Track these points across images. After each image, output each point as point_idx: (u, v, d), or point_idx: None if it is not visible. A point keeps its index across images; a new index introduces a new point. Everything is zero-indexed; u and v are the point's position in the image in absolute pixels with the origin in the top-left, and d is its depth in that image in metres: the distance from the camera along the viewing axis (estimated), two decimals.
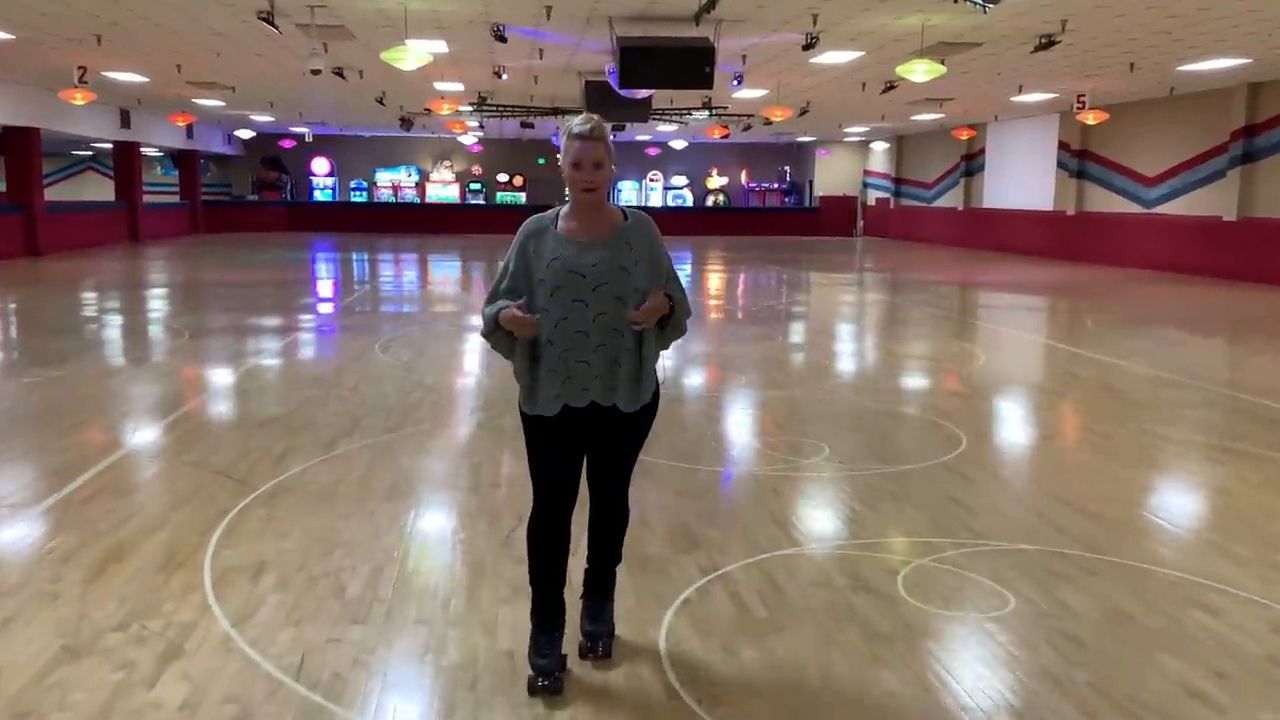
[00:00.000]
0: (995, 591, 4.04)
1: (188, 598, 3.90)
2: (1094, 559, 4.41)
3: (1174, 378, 8.91)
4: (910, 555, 4.46)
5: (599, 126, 3.18)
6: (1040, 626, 3.73)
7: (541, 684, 3.19)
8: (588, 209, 3.24)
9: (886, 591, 4.04)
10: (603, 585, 3.50)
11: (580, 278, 3.16)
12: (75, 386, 8.09)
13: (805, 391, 8.20)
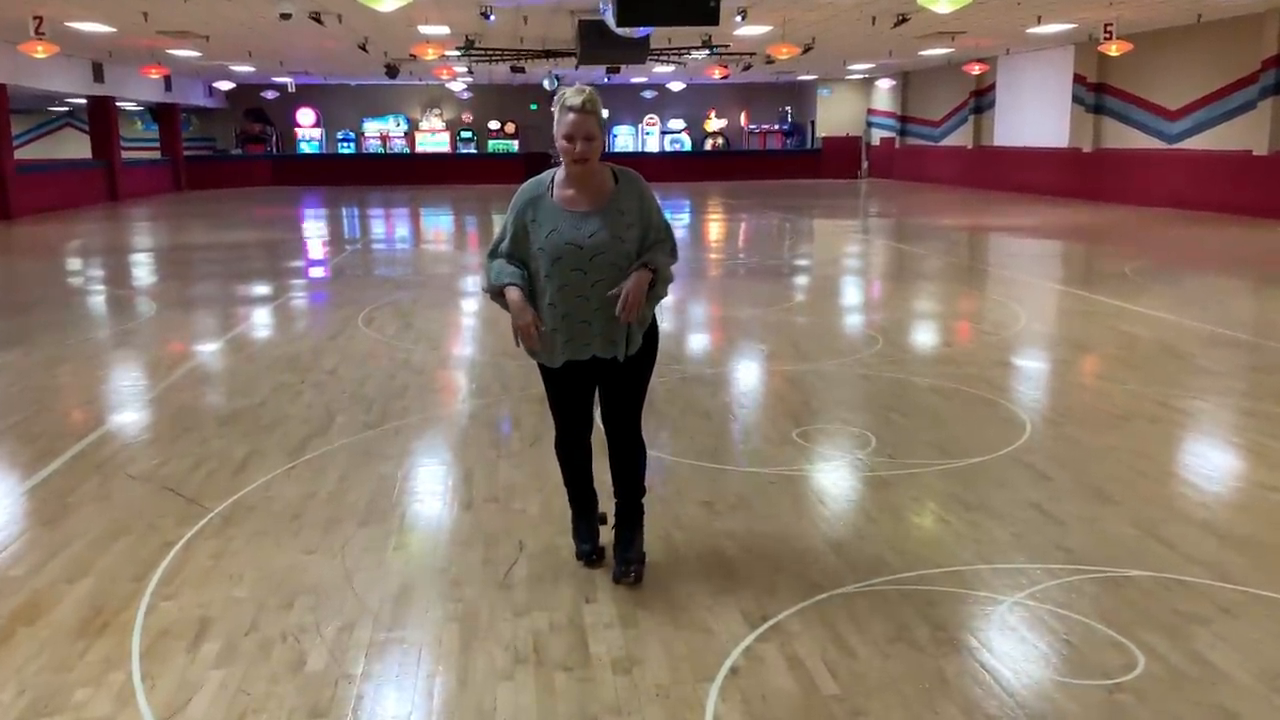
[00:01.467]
0: (1116, 644, 3.24)
1: (107, 678, 3.10)
2: (1229, 590, 3.61)
3: (1237, 335, 8.07)
4: (999, 591, 3.65)
5: (591, 99, 3.31)
6: (1181, 698, 2.94)
7: (591, 559, 3.77)
8: (581, 178, 3.42)
9: (979, 648, 3.23)
10: (631, 518, 3.73)
11: (578, 249, 3.37)
12: (22, 376, 7.24)
13: (834, 365, 7.36)
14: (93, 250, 16.32)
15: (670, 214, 20.87)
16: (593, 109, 3.31)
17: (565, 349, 3.48)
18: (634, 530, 3.71)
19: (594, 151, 3.33)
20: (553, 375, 3.60)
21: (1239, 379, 6.82)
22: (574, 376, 3.58)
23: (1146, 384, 6.63)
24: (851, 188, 31.59)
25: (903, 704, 2.92)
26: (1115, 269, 12.23)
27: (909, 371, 7.11)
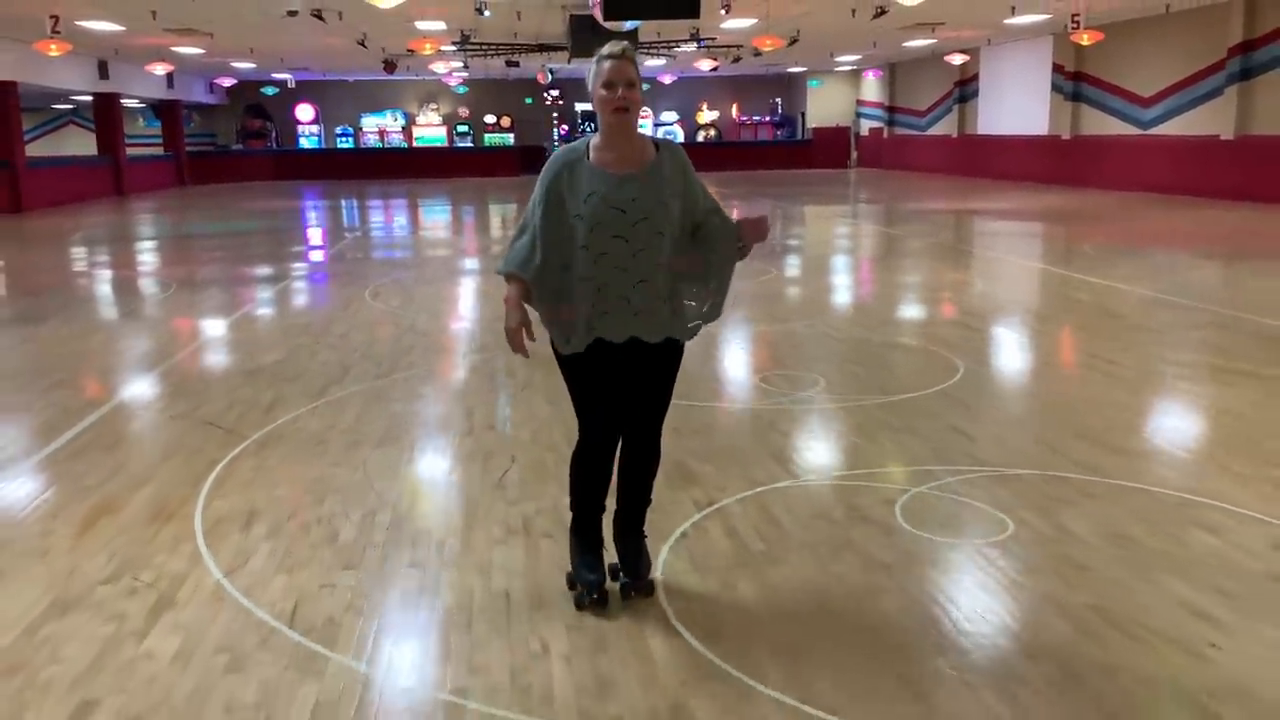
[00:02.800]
0: (995, 518, 3.99)
1: (179, 548, 3.85)
2: (1095, 482, 4.37)
3: (1175, 300, 8.83)
4: (909, 484, 4.41)
5: (629, 48, 3.11)
6: (1041, 551, 3.69)
7: (593, 598, 3.27)
8: (620, 135, 3.12)
9: (885, 521, 3.99)
10: (637, 525, 3.46)
11: (620, 213, 3.08)
12: (60, 343, 7.99)
13: (803, 325, 8.11)
14: (107, 240, 17.06)
15: None
16: (630, 56, 3.09)
17: (598, 324, 3.16)
18: (640, 539, 3.46)
19: (635, 99, 3.07)
20: (577, 364, 3.23)
21: (1163, 334, 7.58)
22: (603, 362, 3.21)
23: (1076, 338, 7.39)
24: (841, 177, 32.33)
25: (815, 558, 3.68)
26: (1077, 247, 12.98)
27: (868, 331, 7.86)
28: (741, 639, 3.09)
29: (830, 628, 3.18)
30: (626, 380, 3.25)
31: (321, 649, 3.07)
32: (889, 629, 3.16)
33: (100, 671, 2.97)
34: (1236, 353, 6.79)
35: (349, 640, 3.12)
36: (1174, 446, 4.98)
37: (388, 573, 3.61)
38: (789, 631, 3.15)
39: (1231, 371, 6.31)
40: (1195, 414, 5.65)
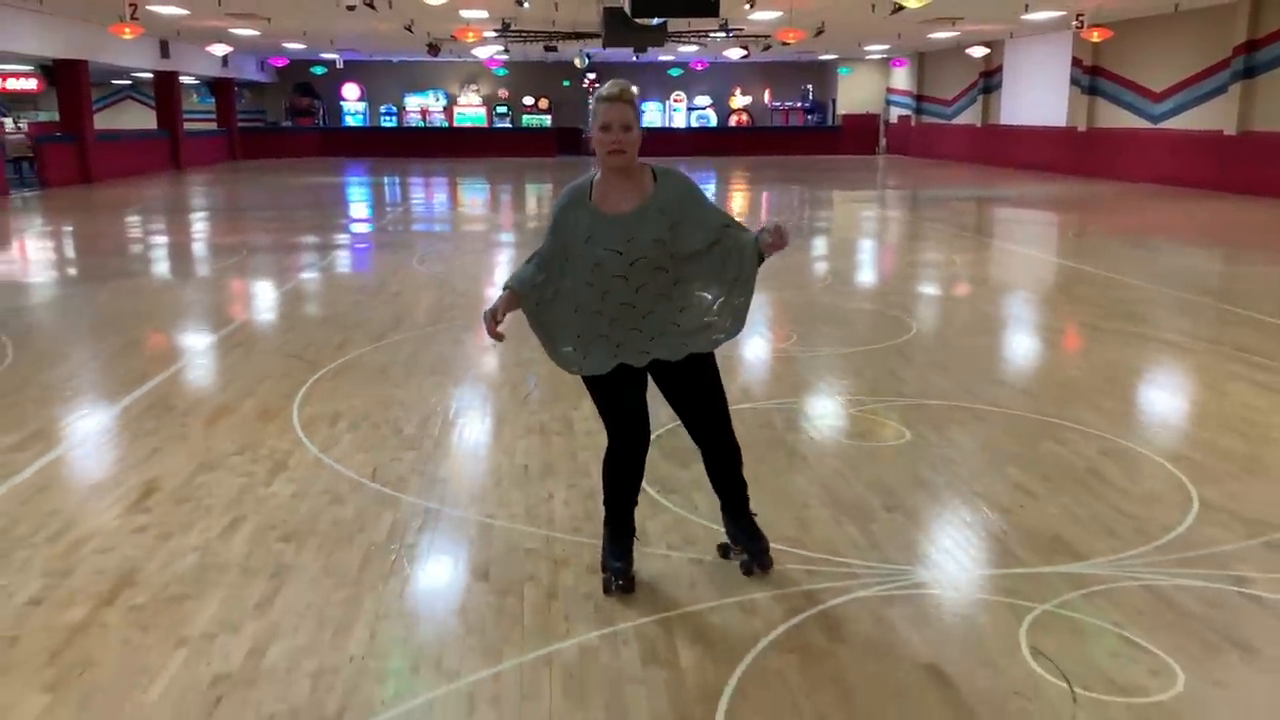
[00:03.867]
0: (900, 431, 5.22)
1: (283, 435, 5.17)
2: (989, 410, 5.58)
3: (1130, 280, 9.94)
4: (842, 408, 5.65)
5: (627, 90, 3.21)
6: (925, 453, 4.92)
7: (617, 584, 3.44)
8: (618, 175, 3.26)
9: (811, 431, 5.24)
10: (743, 509, 3.61)
11: (617, 255, 3.21)
12: (159, 294, 9.40)
13: (792, 293, 9.33)
14: (176, 209, 18.56)
15: (701, 186, 22.78)
16: (628, 99, 3.20)
17: (618, 354, 3.30)
18: (749, 518, 3.62)
19: (631, 142, 3.18)
20: (600, 381, 3.37)
21: (1103, 307, 8.71)
22: (628, 380, 3.36)
23: (1026, 308, 8.56)
24: (868, 163, 33.28)
25: (759, 457, 4.93)
26: (1063, 233, 14.03)
27: (844, 298, 9.07)
28: (695, 495, 4.35)
29: (754, 493, 4.43)
30: (670, 395, 3.45)
31: (395, 493, 4.38)
32: (795, 495, 4.40)
33: (242, 503, 4.29)
34: (1152, 320, 7.94)
35: (414, 489, 4.43)
36: (1057, 385, 6.16)
37: (439, 453, 4.92)
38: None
39: (1132, 334, 7.46)
40: (1087, 363, 6.81)
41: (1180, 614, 3.31)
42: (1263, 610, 3.35)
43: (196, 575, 3.61)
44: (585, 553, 3.75)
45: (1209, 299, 8.96)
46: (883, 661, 3.05)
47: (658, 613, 3.32)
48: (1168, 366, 6.77)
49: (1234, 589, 3.48)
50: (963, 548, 3.88)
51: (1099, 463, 4.75)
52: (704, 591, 3.48)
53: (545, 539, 3.92)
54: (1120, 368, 6.60)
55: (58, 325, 8.19)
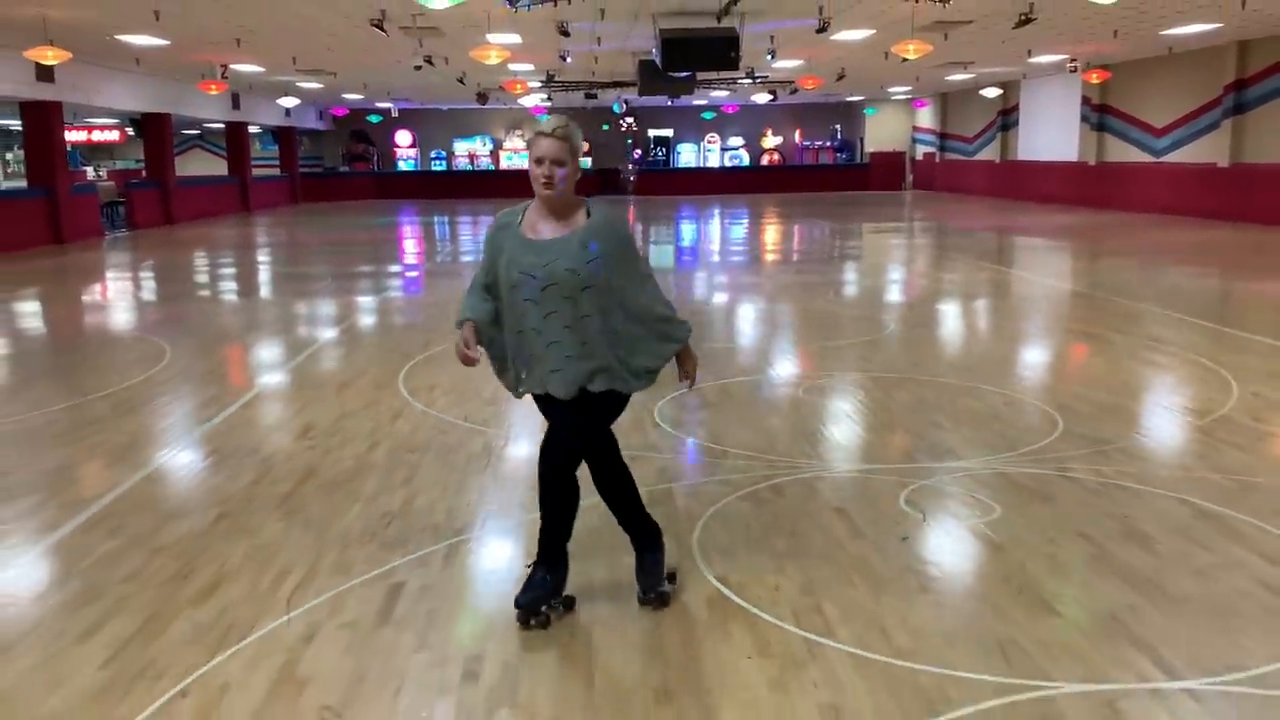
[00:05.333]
0: (858, 393, 6.89)
1: (394, 399, 6.95)
2: (932, 380, 7.23)
3: (1090, 292, 11.51)
4: (814, 379, 7.33)
5: (564, 128, 3.34)
6: (874, 407, 6.58)
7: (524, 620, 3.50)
8: (549, 206, 3.39)
9: (783, 388, 6.93)
10: (636, 545, 3.73)
11: (531, 279, 3.32)
12: (272, 308, 11.29)
13: (791, 305, 11.02)
14: (260, 245, 20.68)
15: (732, 221, 24.66)
16: (564, 136, 3.30)
17: (524, 382, 3.48)
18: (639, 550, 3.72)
19: (562, 180, 3.31)
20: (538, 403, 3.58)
21: (1054, 311, 10.30)
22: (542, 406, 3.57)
23: (990, 313, 10.18)
24: (895, 198, 34.90)
25: (739, 420, 6.62)
26: (1045, 253, 15.60)
27: (840, 308, 10.76)
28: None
29: (761, 422, 6.12)
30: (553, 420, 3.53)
31: (482, 428, 6.13)
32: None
33: (375, 434, 6.05)
34: (1099, 321, 9.53)
35: (497, 426, 6.17)
36: (990, 361, 7.78)
37: (515, 409, 6.67)
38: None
39: (1078, 331, 9.06)
40: (1026, 348, 8.42)
41: (1012, 483, 4.96)
42: (1069, 482, 4.98)
43: (354, 471, 5.37)
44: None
45: (1155, 306, 10.50)
46: (807, 505, 4.72)
47: (664, 483, 5.02)
48: (1089, 351, 8.37)
49: (1055, 473, 5.12)
50: (881, 452, 5.54)
51: (999, 409, 6.40)
52: (690, 473, 5.17)
53: None
54: (1053, 352, 8.22)
55: (195, 332, 10.09)
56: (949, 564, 4.10)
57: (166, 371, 7.94)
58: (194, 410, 6.79)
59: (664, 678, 3.17)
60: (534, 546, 3.75)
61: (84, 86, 21.26)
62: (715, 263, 16.05)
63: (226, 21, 15.75)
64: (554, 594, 3.56)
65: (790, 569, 3.99)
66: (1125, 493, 4.82)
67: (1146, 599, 3.68)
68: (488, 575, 4.09)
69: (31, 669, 3.29)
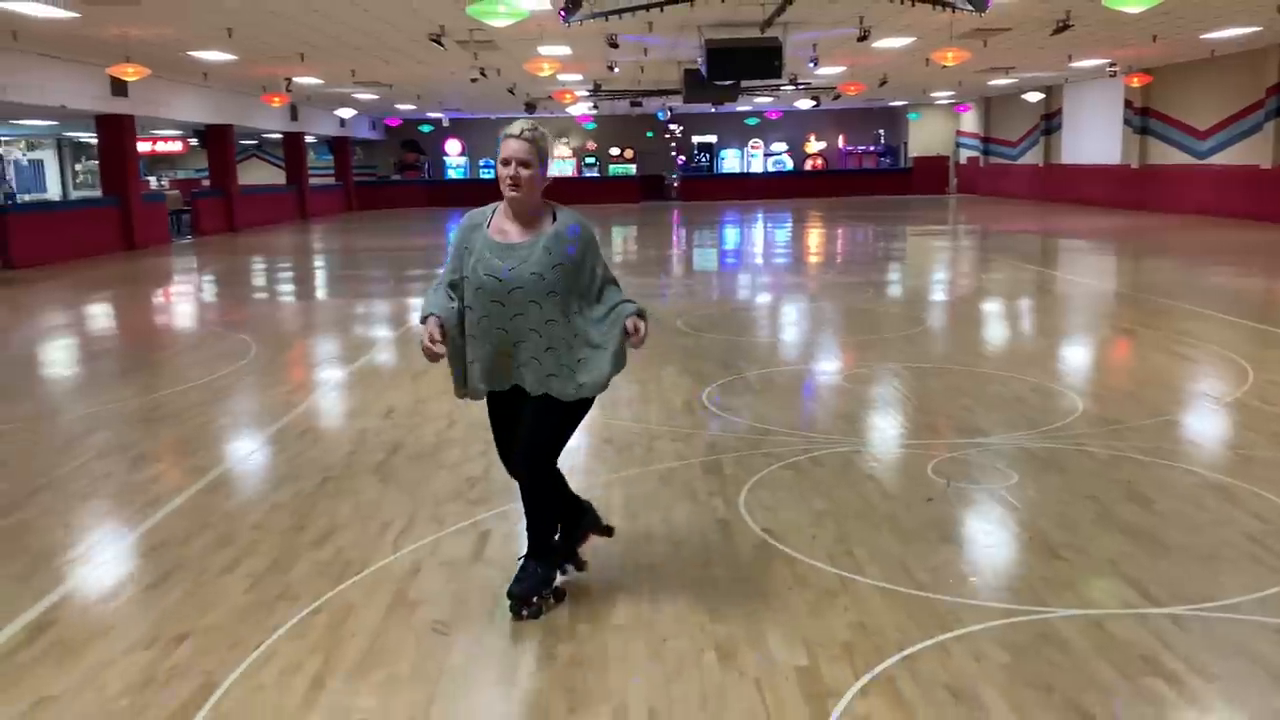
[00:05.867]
0: (888, 372, 7.41)
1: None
2: (959, 369, 7.73)
3: (1121, 290, 11.89)
4: (854, 367, 7.86)
5: (531, 131, 3.38)
6: (907, 389, 7.10)
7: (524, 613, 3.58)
8: (516, 208, 3.44)
9: (829, 374, 7.46)
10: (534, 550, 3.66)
11: (497, 281, 3.36)
12: (340, 309, 12.02)
13: (831, 303, 11.54)
14: (322, 251, 21.56)
15: (776, 224, 25.17)
16: (530, 138, 3.35)
17: (484, 379, 3.47)
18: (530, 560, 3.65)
19: (527, 179, 3.35)
20: (488, 407, 3.63)
21: (1089, 309, 10.70)
22: (499, 407, 3.59)
23: (1026, 311, 10.62)
24: (938, 202, 35.16)
25: (782, 404, 7.16)
26: (1086, 254, 15.93)
27: (880, 306, 11.25)
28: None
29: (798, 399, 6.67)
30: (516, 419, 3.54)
31: None
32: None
33: (450, 415, 6.66)
34: (1124, 316, 9.94)
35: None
36: (1022, 352, 8.23)
37: None
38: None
39: (1100, 325, 9.48)
40: (1053, 340, 8.86)
41: (1031, 455, 5.47)
42: (1083, 455, 5.47)
43: (436, 445, 6.00)
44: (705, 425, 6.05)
45: (1187, 304, 10.85)
46: (843, 474, 5.27)
47: (712, 456, 5.59)
48: (1117, 344, 8.80)
49: (1072, 447, 5.61)
50: (912, 431, 6.07)
51: (1025, 395, 6.89)
52: (737, 444, 5.74)
53: (644, 423, 6.23)
54: (1083, 345, 8.67)
55: (273, 329, 10.82)
56: (968, 520, 4.63)
57: (254, 363, 8.66)
58: (284, 396, 7.48)
59: (716, 603, 3.74)
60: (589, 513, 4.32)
61: (154, 100, 22.28)
62: (759, 264, 16.59)
63: (293, 37, 16.59)
64: (545, 584, 3.66)
65: (826, 523, 4.54)
66: (1134, 464, 5.30)
67: (1141, 548, 4.18)
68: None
69: (186, 595, 3.94)
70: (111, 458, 5.88)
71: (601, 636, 3.50)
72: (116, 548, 4.49)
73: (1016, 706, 2.99)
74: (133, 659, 3.40)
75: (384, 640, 3.48)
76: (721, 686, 3.15)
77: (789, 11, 14.40)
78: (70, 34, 15.29)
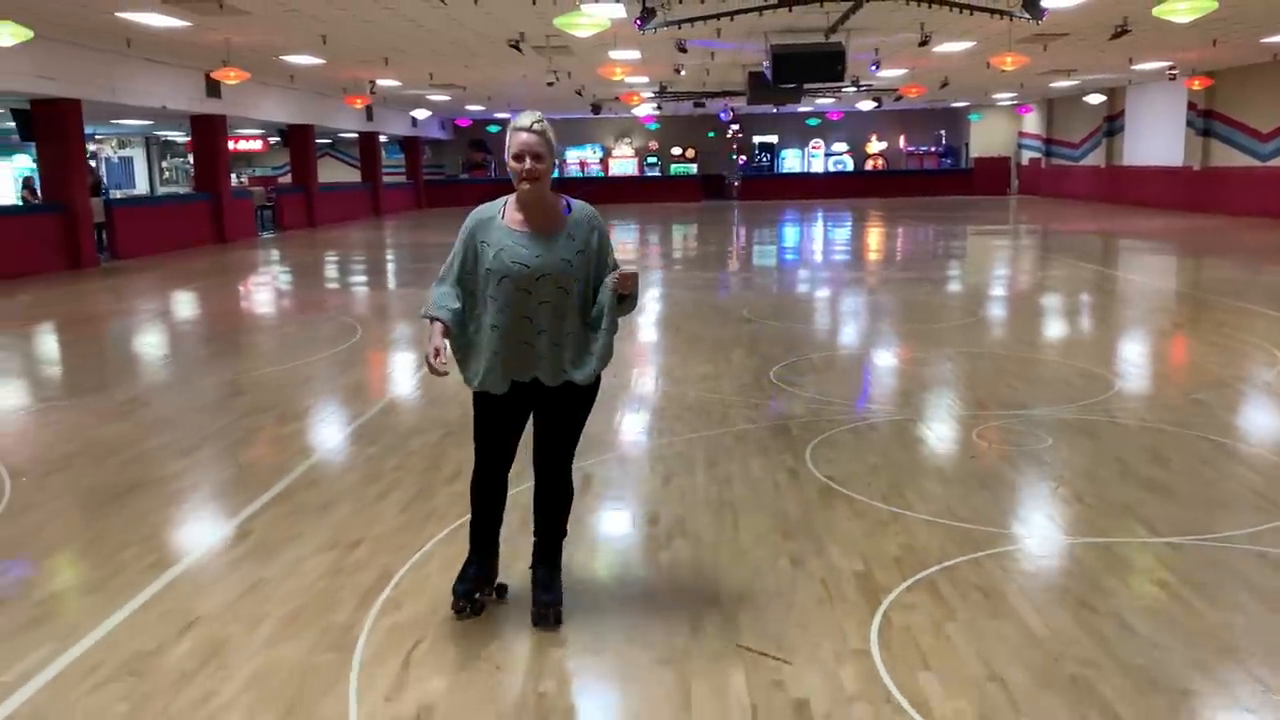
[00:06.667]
0: (941, 357, 8.10)
1: None
2: (1005, 354, 8.38)
3: (1174, 287, 12.38)
4: (905, 352, 8.56)
5: (540, 122, 3.38)
6: (956, 370, 7.78)
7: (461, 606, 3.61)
8: (531, 199, 3.44)
9: (884, 356, 8.18)
10: (550, 558, 3.67)
11: (524, 268, 3.38)
12: (421, 295, 12.98)
13: (885, 294, 12.20)
14: (398, 245, 22.70)
15: (835, 223, 25.78)
16: (540, 130, 3.36)
17: (507, 371, 3.45)
18: (553, 570, 3.66)
19: (540, 171, 3.37)
20: (486, 402, 3.53)
21: (1140, 304, 11.24)
22: (510, 402, 3.51)
23: (1079, 305, 11.21)
24: (999, 203, 35.38)
25: (841, 381, 7.88)
26: (1143, 254, 16.35)
27: (938, 299, 11.90)
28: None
29: (843, 379, 7.39)
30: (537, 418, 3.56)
31: (611, 378, 7.54)
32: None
33: None
34: (1168, 310, 10.47)
35: (622, 375, 7.57)
36: (1070, 340, 8.84)
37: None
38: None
39: (1148, 318, 10.04)
40: (1100, 330, 9.44)
41: (1065, 425, 6.15)
42: (1114, 425, 6.13)
43: None
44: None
45: (1233, 300, 11.33)
46: (899, 437, 6.00)
47: (780, 421, 6.36)
48: (1161, 334, 9.37)
49: (1104, 419, 6.28)
50: (958, 405, 6.77)
51: (1068, 375, 7.54)
52: (802, 411, 6.49)
53: (719, 394, 7.01)
54: (1129, 335, 9.27)
55: (375, 312, 11.77)
56: (1005, 473, 5.34)
57: (364, 340, 9.61)
58: (397, 366, 8.40)
59: (787, 528, 4.51)
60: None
61: (244, 101, 23.55)
62: (818, 261, 17.26)
63: (381, 43, 17.63)
64: (487, 582, 3.72)
65: (881, 473, 5.28)
66: (1160, 433, 5.96)
67: (1154, 495, 4.86)
68: (647, 471, 5.46)
69: (352, 515, 4.81)
70: (257, 416, 6.81)
71: (695, 550, 4.29)
72: (283, 482, 5.39)
73: (1034, 604, 3.71)
74: (321, 557, 4.28)
75: (515, 545, 4.30)
76: (794, 582, 3.93)
77: (852, 19, 15.07)
78: (178, 40, 16.47)
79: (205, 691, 3.20)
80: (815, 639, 3.45)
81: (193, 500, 5.19)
